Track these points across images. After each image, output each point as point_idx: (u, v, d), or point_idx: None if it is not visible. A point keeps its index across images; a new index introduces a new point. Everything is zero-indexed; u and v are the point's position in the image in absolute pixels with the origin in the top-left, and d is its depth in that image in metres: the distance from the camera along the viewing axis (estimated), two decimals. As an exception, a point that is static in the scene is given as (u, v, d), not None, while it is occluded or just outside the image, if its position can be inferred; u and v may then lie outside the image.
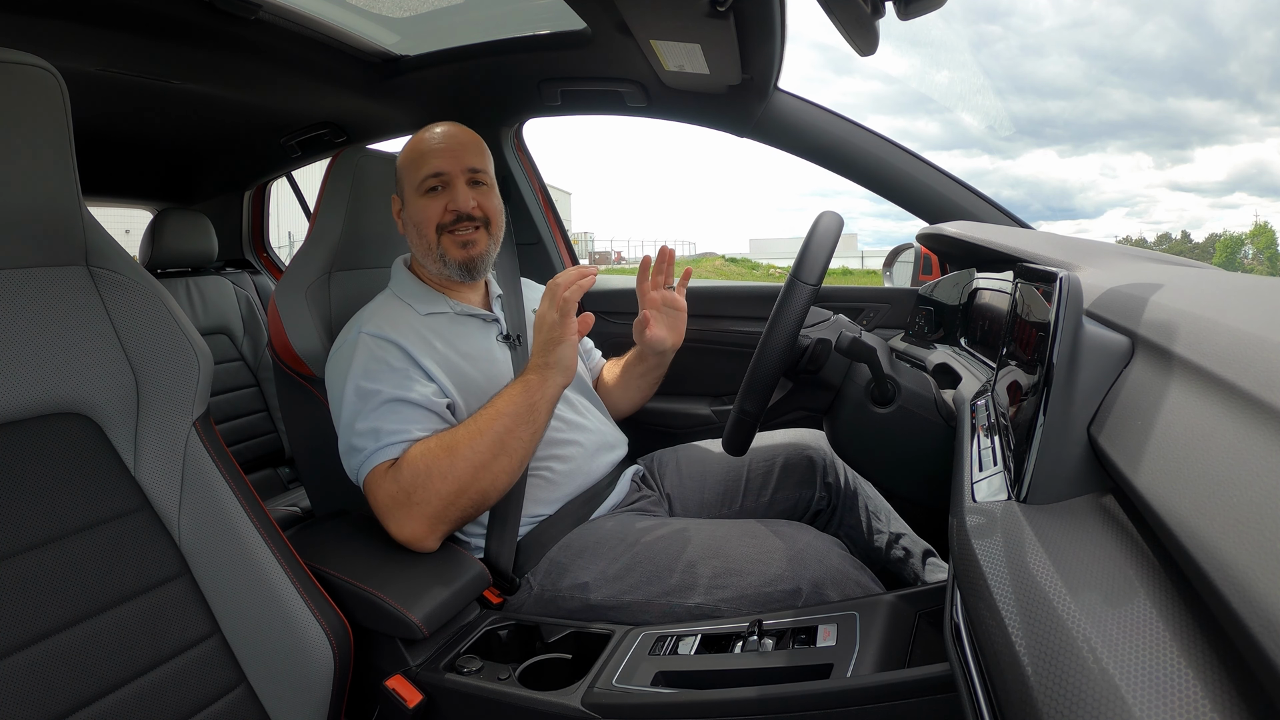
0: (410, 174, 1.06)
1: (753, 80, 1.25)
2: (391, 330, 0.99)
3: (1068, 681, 0.29)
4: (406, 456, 0.91)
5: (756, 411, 0.86)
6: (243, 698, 0.73)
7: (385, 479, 0.90)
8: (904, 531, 1.12)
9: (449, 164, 1.05)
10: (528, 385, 0.93)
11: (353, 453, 0.94)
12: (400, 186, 1.09)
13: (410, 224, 1.07)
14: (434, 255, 1.06)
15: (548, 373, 0.93)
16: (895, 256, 1.60)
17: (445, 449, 0.90)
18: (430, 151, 1.05)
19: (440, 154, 1.05)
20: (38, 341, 0.67)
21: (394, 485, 0.90)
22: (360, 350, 0.97)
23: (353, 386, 0.95)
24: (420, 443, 0.92)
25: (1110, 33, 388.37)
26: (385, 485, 0.90)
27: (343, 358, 0.99)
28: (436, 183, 1.04)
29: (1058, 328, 0.46)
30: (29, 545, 0.63)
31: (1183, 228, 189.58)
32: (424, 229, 1.05)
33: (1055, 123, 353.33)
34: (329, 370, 1.02)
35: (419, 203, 1.05)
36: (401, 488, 0.89)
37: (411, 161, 1.06)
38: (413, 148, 1.07)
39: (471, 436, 0.91)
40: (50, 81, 0.65)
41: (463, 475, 0.89)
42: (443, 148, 1.05)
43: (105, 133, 1.80)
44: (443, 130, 1.08)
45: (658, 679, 0.73)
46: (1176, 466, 0.33)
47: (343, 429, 0.96)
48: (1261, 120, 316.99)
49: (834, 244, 0.85)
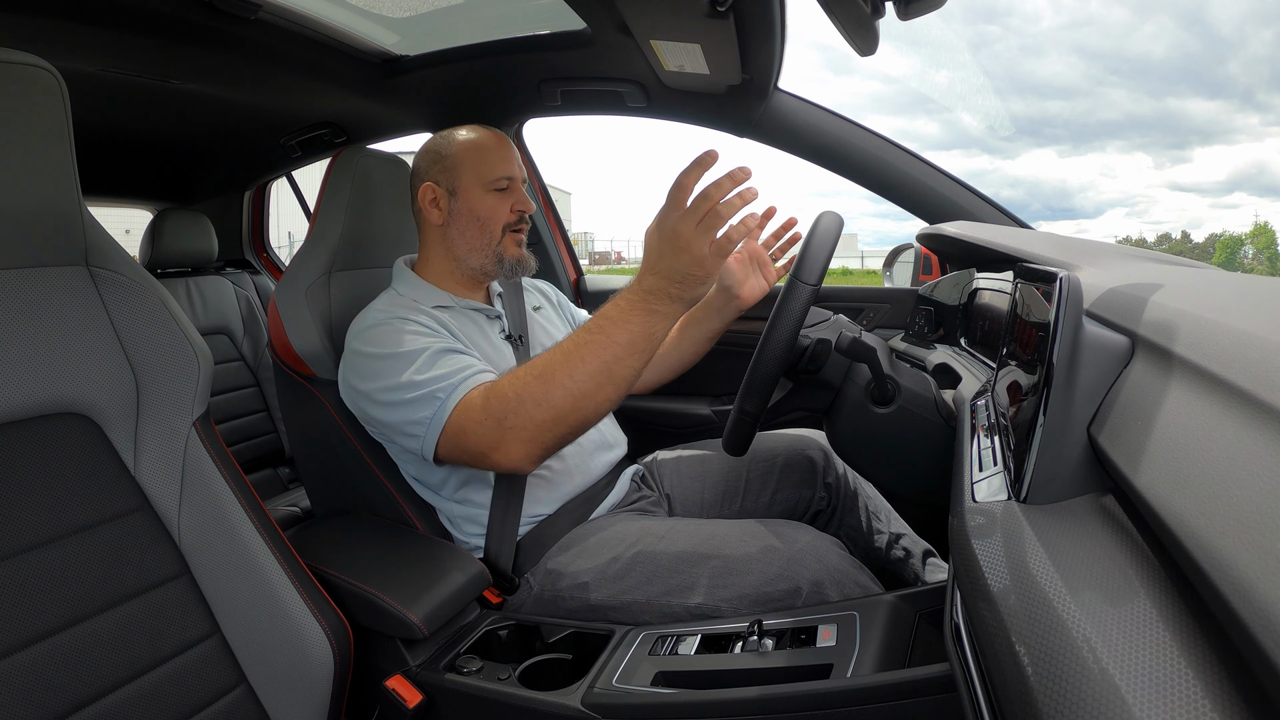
0: (477, 169, 1.07)
1: (753, 80, 1.25)
2: (405, 312, 0.99)
3: (1068, 681, 0.29)
4: (494, 388, 0.87)
5: (756, 411, 0.86)
6: (243, 698, 0.73)
7: (472, 414, 0.86)
8: (904, 532, 1.12)
9: (516, 170, 1.09)
10: (652, 314, 0.81)
11: (414, 406, 0.89)
12: (453, 177, 1.07)
13: (471, 217, 1.07)
14: (490, 250, 1.08)
15: (677, 306, 0.81)
16: (895, 256, 1.60)
17: (538, 377, 0.84)
18: (499, 152, 1.08)
19: (507, 157, 1.09)
20: (38, 341, 0.67)
21: (485, 418, 0.85)
22: (380, 330, 0.96)
23: (385, 357, 0.93)
24: (506, 376, 0.88)
25: (1109, 33, 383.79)
26: (475, 421, 0.86)
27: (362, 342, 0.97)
28: (507, 184, 1.08)
29: (1058, 328, 0.46)
30: (29, 545, 0.63)
31: (1183, 228, 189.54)
32: (490, 224, 1.07)
33: (1055, 123, 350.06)
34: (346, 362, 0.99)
35: (488, 199, 1.07)
36: (494, 419, 0.84)
37: (481, 157, 1.07)
38: (478, 143, 1.08)
39: (572, 362, 0.82)
40: (50, 81, 0.65)
41: (560, 404, 0.82)
42: (507, 152, 1.09)
43: (105, 133, 1.80)
44: (496, 133, 1.11)
45: (658, 679, 0.73)
46: (1176, 466, 0.33)
47: (392, 394, 0.91)
48: (1261, 120, 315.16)
49: (834, 244, 0.85)
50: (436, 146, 1.10)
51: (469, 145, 1.08)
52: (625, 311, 0.82)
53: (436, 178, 1.09)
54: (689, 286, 0.79)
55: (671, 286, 0.79)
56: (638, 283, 0.82)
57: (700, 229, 0.76)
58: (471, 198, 1.07)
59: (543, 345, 1.16)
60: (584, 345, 0.83)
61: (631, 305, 0.82)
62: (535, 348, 1.15)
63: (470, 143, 1.09)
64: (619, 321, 0.82)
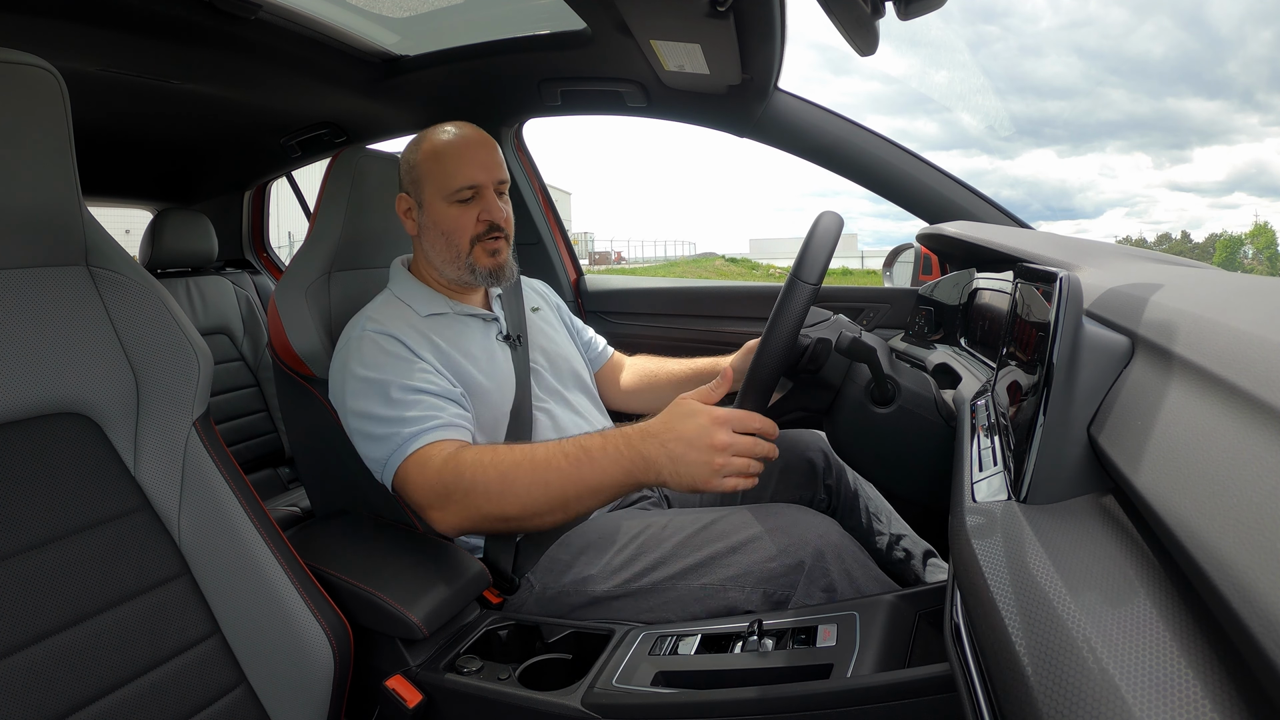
0: (438, 180, 1.03)
1: (753, 80, 1.25)
2: (394, 327, 0.99)
3: (1068, 681, 0.29)
4: (455, 459, 0.87)
5: (757, 410, 0.86)
6: (243, 698, 0.73)
7: (421, 471, 0.88)
8: (905, 533, 1.12)
9: (481, 175, 1.03)
10: (629, 476, 0.80)
11: (375, 443, 0.91)
12: (418, 189, 1.05)
13: (436, 231, 1.05)
14: (462, 263, 1.05)
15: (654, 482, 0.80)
16: (895, 256, 1.60)
17: (499, 475, 0.83)
18: (461, 160, 1.03)
19: (472, 163, 1.03)
20: (37, 341, 0.67)
21: (434, 479, 0.87)
22: (365, 345, 0.97)
23: (361, 379, 0.94)
24: (472, 450, 0.88)
25: (1108, 33, 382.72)
26: (422, 478, 0.88)
27: (347, 354, 0.98)
28: (471, 193, 1.03)
29: (1058, 328, 0.46)
30: (29, 545, 0.63)
31: (1183, 228, 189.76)
32: (456, 238, 1.04)
33: (1054, 123, 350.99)
34: (334, 369, 1.01)
35: (449, 211, 1.03)
36: (442, 484, 0.86)
37: (439, 167, 1.03)
38: (439, 152, 1.04)
39: (536, 476, 0.82)
40: (50, 81, 0.65)
41: (508, 508, 0.84)
42: (474, 157, 1.03)
43: (105, 133, 1.80)
44: (466, 135, 1.05)
45: (658, 679, 0.73)
46: (1176, 466, 0.33)
47: (358, 421, 0.93)
48: (1260, 120, 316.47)
49: (834, 243, 0.85)
50: (407, 155, 1.07)
51: (430, 153, 1.04)
52: (609, 460, 0.80)
53: (407, 188, 1.07)
54: (680, 479, 0.77)
55: (666, 469, 0.78)
56: (638, 442, 0.79)
57: (734, 451, 0.76)
58: (435, 211, 1.04)
59: (541, 347, 1.16)
60: (554, 468, 0.82)
61: (618, 459, 0.80)
62: (534, 349, 1.15)
63: (432, 151, 1.04)
64: (598, 465, 0.81)
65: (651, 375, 1.30)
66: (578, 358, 1.24)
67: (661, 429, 0.79)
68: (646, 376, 1.30)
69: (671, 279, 1.93)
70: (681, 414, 0.79)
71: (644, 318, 1.74)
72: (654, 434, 0.79)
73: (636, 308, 1.76)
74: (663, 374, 1.29)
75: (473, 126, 1.08)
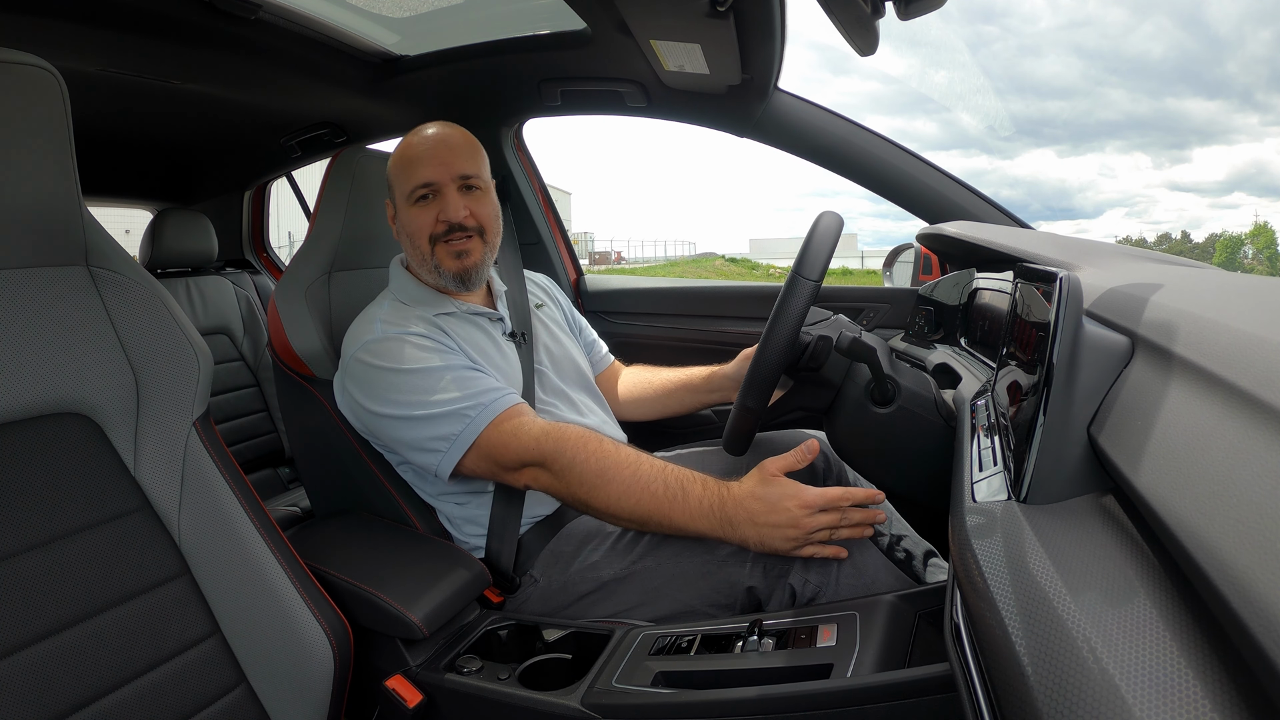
0: (400, 182, 1.03)
1: (753, 80, 1.25)
2: (415, 327, 0.98)
3: (1068, 681, 0.29)
4: (560, 430, 0.89)
5: (758, 408, 0.86)
6: (243, 698, 0.73)
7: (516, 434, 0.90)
8: (905, 534, 1.12)
9: (438, 172, 1.00)
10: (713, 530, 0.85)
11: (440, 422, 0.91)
12: (392, 193, 1.06)
13: (404, 234, 1.05)
14: (429, 265, 1.04)
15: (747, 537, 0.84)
16: (895, 256, 1.60)
17: (599, 469, 0.87)
18: (419, 158, 1.01)
19: (429, 161, 1.00)
20: (37, 341, 0.67)
21: (533, 443, 0.89)
22: (394, 344, 0.95)
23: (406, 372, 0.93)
24: (576, 430, 0.90)
25: (1107, 33, 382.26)
26: (518, 440, 0.89)
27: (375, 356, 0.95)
28: (426, 191, 1.01)
29: (1058, 328, 0.46)
30: (29, 545, 0.63)
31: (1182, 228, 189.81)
32: (416, 240, 1.03)
33: (1054, 123, 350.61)
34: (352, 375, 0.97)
35: (409, 212, 1.02)
36: (542, 450, 0.88)
37: (400, 169, 1.03)
38: (401, 154, 1.04)
39: (627, 489, 0.86)
40: (50, 81, 0.65)
41: (594, 500, 0.88)
42: (432, 154, 1.01)
43: (105, 133, 1.80)
44: (433, 133, 1.03)
45: (658, 679, 0.73)
46: (1176, 466, 0.33)
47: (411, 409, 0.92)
48: (1260, 120, 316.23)
49: (835, 241, 0.85)
50: (389, 159, 1.08)
51: (396, 158, 1.04)
52: (700, 513, 0.85)
53: (389, 193, 1.08)
54: (762, 549, 0.84)
55: (750, 539, 0.84)
56: (731, 509, 0.84)
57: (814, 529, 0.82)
58: (402, 215, 1.04)
59: (545, 346, 1.16)
60: (650, 492, 0.86)
61: (709, 515, 0.85)
62: (539, 347, 1.15)
63: (398, 155, 1.04)
64: (689, 512, 0.85)
65: (646, 383, 1.31)
66: (581, 356, 1.24)
67: (755, 505, 0.83)
68: (640, 385, 1.31)
69: (671, 279, 1.93)
70: (776, 495, 0.83)
71: (644, 318, 1.74)
72: (745, 507, 0.84)
73: (636, 308, 1.76)
74: (657, 381, 1.30)
75: (449, 125, 1.06)
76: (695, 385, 1.24)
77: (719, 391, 1.22)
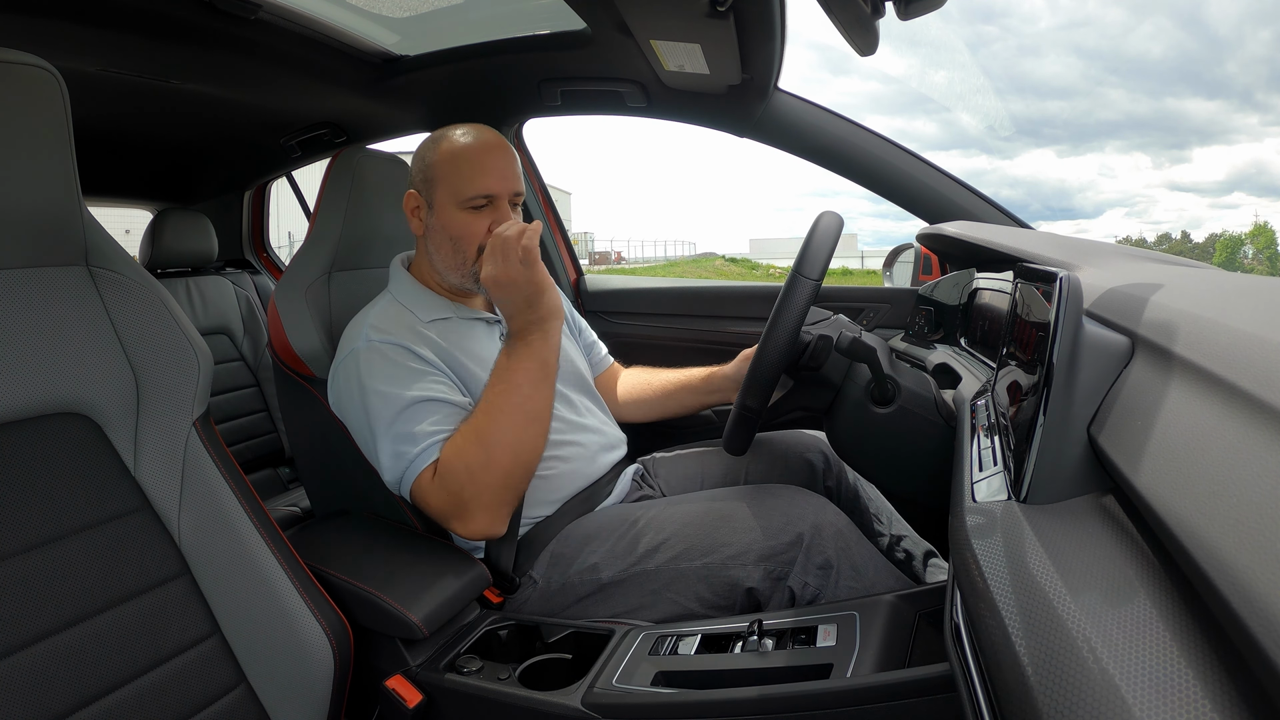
0: (453, 184, 1.00)
1: (753, 80, 1.25)
2: (398, 335, 0.97)
3: (1068, 681, 0.29)
4: (442, 460, 0.90)
5: (758, 407, 0.86)
6: (243, 698, 0.73)
7: (431, 489, 0.90)
8: (905, 534, 1.12)
9: (500, 185, 1.00)
10: (530, 345, 0.91)
11: (395, 460, 0.92)
12: (430, 189, 1.02)
13: (444, 235, 1.02)
14: (465, 271, 1.02)
15: (546, 325, 0.92)
16: (895, 256, 1.60)
17: (475, 440, 0.89)
18: (480, 167, 0.99)
19: (492, 172, 1.00)
20: (37, 341, 0.67)
21: (443, 493, 0.89)
22: (372, 357, 0.95)
23: (372, 394, 0.93)
24: (449, 441, 0.91)
25: (1107, 33, 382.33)
26: (434, 495, 0.90)
27: (355, 367, 0.96)
28: (485, 203, 1.00)
29: (1058, 328, 0.46)
30: (29, 545, 0.63)
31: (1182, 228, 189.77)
32: (462, 244, 1.01)
33: (1053, 123, 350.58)
34: (340, 381, 0.98)
35: (461, 217, 1.00)
36: (450, 493, 0.89)
37: (456, 170, 1.00)
38: (457, 155, 1.00)
39: (495, 417, 0.89)
40: (50, 81, 0.65)
41: (502, 460, 0.88)
42: (495, 166, 1.00)
43: (105, 133, 1.80)
44: (486, 140, 1.02)
45: (658, 679, 0.73)
46: (1176, 466, 0.33)
47: (376, 438, 0.93)
48: (1260, 120, 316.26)
49: (835, 241, 0.85)
50: (423, 151, 1.04)
51: (448, 155, 1.01)
52: (511, 357, 0.92)
53: (419, 185, 1.04)
54: (535, 306, 0.91)
55: (527, 315, 0.91)
56: (508, 334, 0.94)
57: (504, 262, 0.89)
58: (445, 214, 1.01)
59: None
60: (495, 395, 0.91)
61: (512, 349, 0.93)
62: None
63: (451, 153, 1.00)
64: (511, 367, 0.92)
65: (645, 385, 1.30)
66: (580, 358, 1.24)
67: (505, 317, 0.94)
68: (640, 386, 1.31)
69: (671, 279, 1.93)
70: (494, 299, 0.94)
71: (644, 318, 1.74)
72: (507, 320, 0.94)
73: (636, 308, 1.76)
74: (656, 383, 1.29)
75: (494, 132, 1.04)
76: (695, 386, 1.24)
77: (719, 392, 1.22)
